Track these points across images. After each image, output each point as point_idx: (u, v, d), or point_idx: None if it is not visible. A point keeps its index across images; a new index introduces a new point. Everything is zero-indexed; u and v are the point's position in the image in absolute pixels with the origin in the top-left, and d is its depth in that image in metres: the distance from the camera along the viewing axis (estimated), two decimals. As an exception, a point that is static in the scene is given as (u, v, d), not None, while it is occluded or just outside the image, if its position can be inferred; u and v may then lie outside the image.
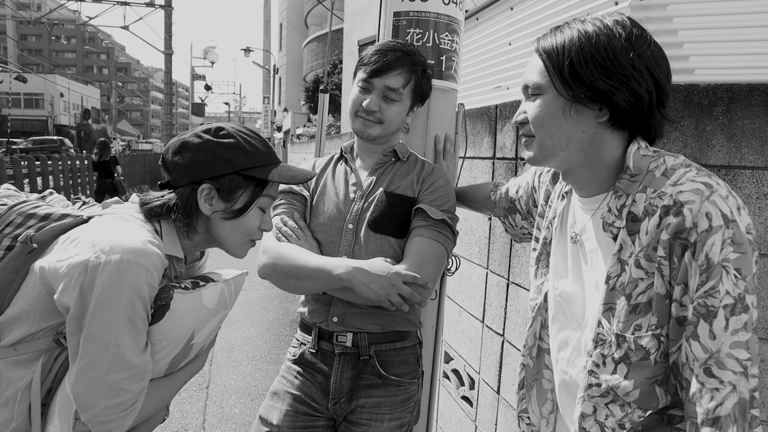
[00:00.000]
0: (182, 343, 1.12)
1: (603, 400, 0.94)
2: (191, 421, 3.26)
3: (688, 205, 0.82)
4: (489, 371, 2.27)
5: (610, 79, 0.89)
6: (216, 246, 1.22)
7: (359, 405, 1.45)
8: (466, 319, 2.52)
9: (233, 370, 4.02)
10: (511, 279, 2.11)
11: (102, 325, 0.95)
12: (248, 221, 1.17)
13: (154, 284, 1.01)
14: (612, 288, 0.92)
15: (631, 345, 0.89)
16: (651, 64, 0.90)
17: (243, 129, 1.18)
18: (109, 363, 0.96)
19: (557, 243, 1.11)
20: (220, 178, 1.11)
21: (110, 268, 0.95)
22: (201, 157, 1.11)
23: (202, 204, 1.11)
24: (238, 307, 5.52)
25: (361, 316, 1.43)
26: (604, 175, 0.98)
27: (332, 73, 15.44)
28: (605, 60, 0.90)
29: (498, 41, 2.81)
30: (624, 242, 0.91)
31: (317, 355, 1.48)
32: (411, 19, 1.71)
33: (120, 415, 1.00)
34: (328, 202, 1.51)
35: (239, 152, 1.12)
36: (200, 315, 1.13)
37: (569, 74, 0.92)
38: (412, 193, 1.47)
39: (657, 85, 0.91)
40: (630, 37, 0.90)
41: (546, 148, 0.99)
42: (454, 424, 2.62)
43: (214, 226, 1.16)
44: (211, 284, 1.17)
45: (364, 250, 1.42)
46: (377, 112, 1.44)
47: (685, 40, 1.78)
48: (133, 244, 0.98)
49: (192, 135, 1.14)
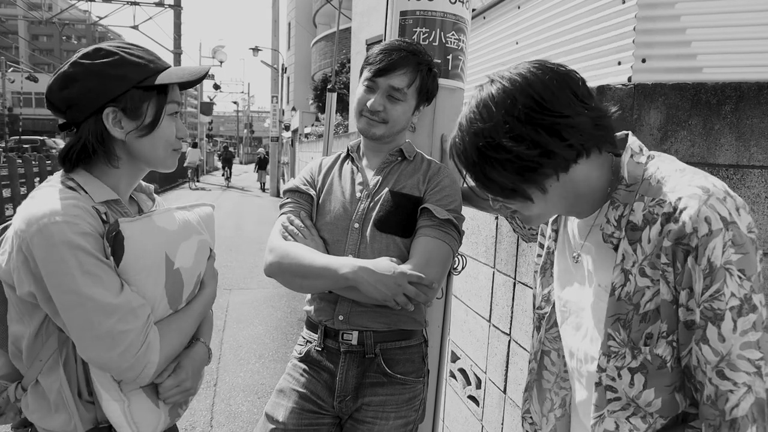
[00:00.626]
0: (161, 268, 1.11)
1: (624, 414, 0.93)
2: (199, 418, 3.28)
3: (687, 211, 0.81)
4: (495, 371, 2.27)
5: (529, 147, 0.86)
6: (143, 169, 1.18)
7: (365, 403, 1.45)
8: (472, 319, 2.52)
9: (241, 369, 4.04)
10: (518, 278, 2.11)
11: (64, 291, 0.96)
12: (164, 131, 1.14)
13: (86, 230, 0.99)
14: (618, 298, 0.91)
15: (647, 355, 0.89)
16: (574, 100, 0.87)
17: (122, 43, 1.12)
18: (93, 318, 0.97)
19: (560, 254, 1.11)
20: (120, 98, 1.06)
21: (36, 242, 0.95)
22: (92, 83, 1.04)
23: (112, 129, 1.07)
24: (246, 306, 5.55)
25: (367, 314, 1.44)
26: (592, 198, 0.97)
27: (340, 73, 15.45)
28: (512, 138, 0.87)
29: (505, 40, 2.80)
30: (626, 252, 0.91)
31: (323, 353, 1.49)
32: (417, 18, 1.71)
33: (137, 355, 1.02)
34: (335, 201, 1.51)
35: (130, 66, 1.07)
36: (162, 238, 1.12)
37: (488, 175, 0.91)
38: (418, 192, 1.47)
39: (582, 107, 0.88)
40: (518, 112, 0.86)
41: (535, 219, 1.01)
42: (460, 424, 2.62)
43: (133, 148, 1.11)
44: (159, 209, 1.17)
45: (369, 249, 1.42)
46: (381, 112, 1.44)
47: (692, 38, 1.76)
48: (42, 209, 0.97)
49: (70, 65, 1.06)
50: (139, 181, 1.24)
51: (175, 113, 1.16)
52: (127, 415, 1.09)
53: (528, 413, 1.22)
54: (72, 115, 1.07)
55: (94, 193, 1.07)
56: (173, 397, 1.16)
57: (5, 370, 1.09)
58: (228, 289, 6.19)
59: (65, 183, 1.06)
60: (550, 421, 1.18)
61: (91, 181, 1.09)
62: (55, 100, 1.06)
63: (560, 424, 1.17)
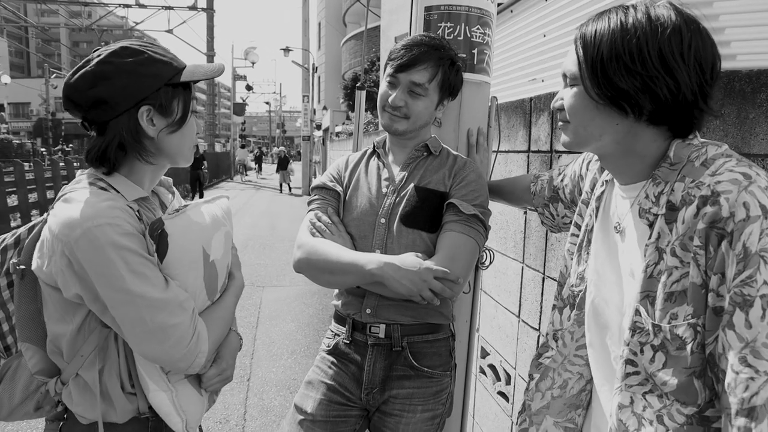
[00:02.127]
0: (200, 262, 1.14)
1: (641, 389, 0.93)
2: (233, 412, 3.35)
3: (725, 195, 0.80)
4: (525, 366, 2.25)
5: (635, 81, 0.87)
6: (166, 165, 1.21)
7: (392, 396, 1.47)
8: (502, 314, 2.51)
9: (273, 364, 4.10)
10: (547, 273, 2.09)
11: (115, 290, 0.99)
12: (191, 127, 1.17)
13: (129, 230, 1.01)
14: (650, 276, 0.91)
15: (667, 334, 0.88)
16: (690, 61, 0.87)
17: (144, 42, 1.13)
18: (144, 314, 1.00)
19: (599, 230, 1.11)
20: (153, 95, 1.08)
21: (81, 245, 0.97)
22: (126, 81, 1.05)
23: (146, 126, 1.08)
24: (279, 303, 5.63)
25: (394, 307, 1.45)
26: (639, 165, 0.97)
27: (370, 71, 15.49)
28: (634, 60, 0.87)
29: (533, 33, 2.77)
30: (662, 231, 0.90)
31: (351, 346, 1.51)
32: (442, 13, 1.71)
33: (189, 346, 1.06)
34: (361, 197, 1.52)
35: (159, 64, 1.09)
36: (199, 232, 1.15)
37: (600, 72, 0.91)
38: (444, 187, 1.47)
39: (699, 84, 0.88)
40: (671, 31, 0.87)
41: (580, 136, 1.00)
42: (490, 420, 2.61)
43: (162, 144, 1.13)
44: (190, 204, 1.20)
45: (396, 244, 1.43)
46: (403, 108, 1.45)
47: (726, 24, 1.71)
48: (82, 213, 0.98)
49: (98, 64, 1.05)
50: (160, 177, 1.28)
51: (194, 111, 1.20)
52: (175, 403, 1.14)
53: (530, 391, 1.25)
54: (98, 114, 1.06)
55: (125, 192, 1.09)
56: (215, 386, 1.22)
57: (40, 365, 1.13)
58: (261, 286, 6.29)
59: (96, 184, 1.08)
60: (545, 398, 1.19)
61: (121, 180, 1.11)
62: (80, 99, 1.05)
63: (555, 403, 1.19)
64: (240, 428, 3.17)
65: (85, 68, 1.05)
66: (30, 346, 1.11)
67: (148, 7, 21.86)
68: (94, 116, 1.07)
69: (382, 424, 1.48)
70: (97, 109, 1.06)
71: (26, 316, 1.11)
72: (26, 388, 1.14)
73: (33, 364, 1.12)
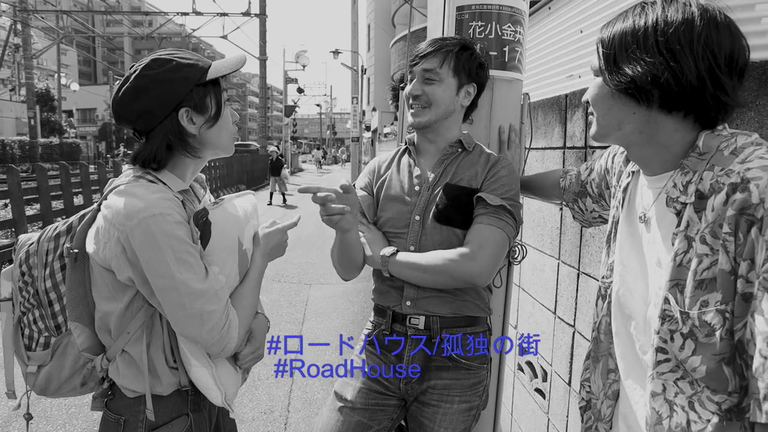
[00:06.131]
0: (236, 250, 1.25)
1: (673, 376, 0.94)
2: (277, 403, 3.47)
3: (755, 181, 0.80)
4: (561, 363, 2.24)
5: (640, 66, 0.90)
6: (205, 159, 1.31)
7: (430, 386, 1.50)
8: (539, 311, 2.50)
9: (318, 359, 4.21)
10: (582, 269, 2.08)
11: (161, 276, 1.09)
12: (227, 117, 1.28)
13: (178, 219, 1.11)
14: (679, 264, 0.92)
15: (696, 321, 0.88)
16: (697, 48, 0.88)
17: (172, 50, 1.23)
18: (185, 300, 1.10)
19: (624, 220, 1.12)
20: (188, 97, 1.18)
21: (136, 234, 1.07)
22: (162, 90, 1.15)
23: (188, 125, 1.19)
24: (325, 300, 5.75)
25: (433, 300, 1.49)
26: (666, 155, 0.98)
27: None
28: (640, 47, 0.90)
29: (570, 29, 2.74)
30: (691, 219, 0.91)
31: (391, 337, 1.56)
32: (474, 12, 1.74)
33: (223, 331, 1.16)
34: (395, 195, 1.57)
35: (186, 68, 1.18)
36: (235, 223, 1.26)
37: (613, 61, 0.95)
38: (476, 184, 1.49)
39: (709, 72, 0.89)
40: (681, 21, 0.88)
41: (602, 126, 1.03)
42: (527, 417, 2.61)
43: (204, 138, 1.24)
44: (225, 198, 1.31)
45: (430, 241, 1.48)
46: (422, 96, 1.50)
47: (762, 14, 1.66)
48: (138, 203, 1.08)
49: (135, 79, 1.16)
50: (199, 171, 1.38)
51: (227, 100, 1.29)
52: (216, 378, 1.24)
53: (587, 381, 1.24)
54: (144, 123, 1.18)
55: (172, 184, 1.21)
56: (249, 363, 1.32)
57: (87, 343, 1.24)
58: (308, 284, 6.44)
59: (144, 177, 1.18)
60: (609, 398, 1.18)
61: (166, 174, 1.23)
62: (126, 113, 1.17)
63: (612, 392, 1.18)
64: (283, 419, 3.28)
65: (126, 85, 1.17)
66: (78, 324, 1.22)
67: (204, 14, 22.70)
68: (142, 125, 1.19)
69: (420, 413, 1.52)
70: (143, 119, 1.18)
71: (76, 297, 1.21)
72: (74, 364, 1.26)
73: (81, 341, 1.23)
